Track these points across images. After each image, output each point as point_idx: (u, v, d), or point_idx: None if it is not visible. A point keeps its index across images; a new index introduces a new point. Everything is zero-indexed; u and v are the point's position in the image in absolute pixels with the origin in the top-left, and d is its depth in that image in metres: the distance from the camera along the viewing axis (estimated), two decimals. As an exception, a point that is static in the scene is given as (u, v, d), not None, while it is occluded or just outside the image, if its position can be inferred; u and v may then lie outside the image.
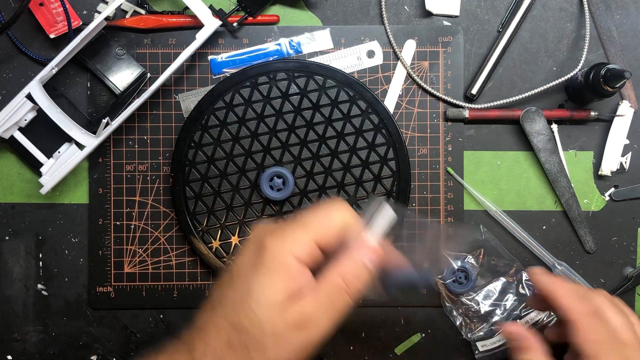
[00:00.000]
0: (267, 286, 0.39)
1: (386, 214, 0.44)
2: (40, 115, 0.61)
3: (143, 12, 0.64)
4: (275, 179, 0.61)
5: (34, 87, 0.60)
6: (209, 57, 0.65)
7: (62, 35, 0.62)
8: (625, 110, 0.64)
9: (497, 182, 0.65)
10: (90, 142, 0.61)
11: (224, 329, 0.39)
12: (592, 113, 0.64)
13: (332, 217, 0.41)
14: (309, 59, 0.64)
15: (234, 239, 0.63)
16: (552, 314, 0.65)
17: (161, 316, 0.65)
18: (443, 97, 0.64)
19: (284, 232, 0.41)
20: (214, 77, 0.65)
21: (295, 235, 0.40)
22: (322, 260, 0.42)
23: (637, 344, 0.48)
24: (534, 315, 0.64)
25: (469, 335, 0.64)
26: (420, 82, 0.65)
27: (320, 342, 0.40)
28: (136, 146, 0.64)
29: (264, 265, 0.39)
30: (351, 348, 0.65)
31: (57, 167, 0.62)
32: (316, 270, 0.42)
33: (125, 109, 0.62)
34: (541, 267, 0.52)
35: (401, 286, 0.46)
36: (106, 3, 0.64)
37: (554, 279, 0.51)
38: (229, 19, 0.64)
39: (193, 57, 0.64)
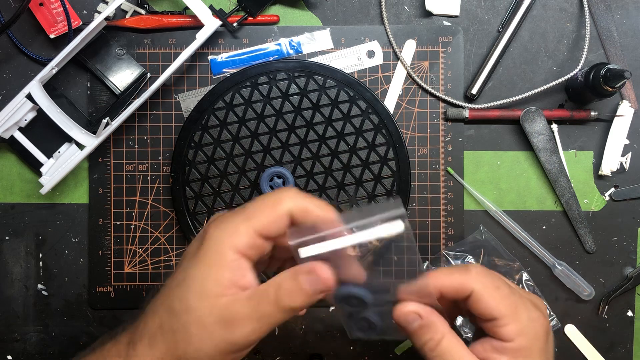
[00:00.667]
0: (202, 276, 0.39)
1: (388, 230, 0.39)
2: (40, 115, 0.61)
3: (143, 12, 0.64)
4: (275, 179, 0.61)
5: (34, 87, 0.60)
6: (209, 57, 0.65)
7: (62, 35, 0.62)
8: (625, 110, 0.64)
9: (497, 182, 0.65)
10: (90, 142, 0.61)
11: (159, 312, 0.40)
12: (592, 113, 0.64)
13: (277, 206, 0.40)
14: (309, 59, 0.64)
15: (234, 239, 0.63)
16: (551, 313, 0.65)
17: (161, 316, 0.65)
18: (443, 97, 0.64)
19: (226, 222, 0.40)
20: (214, 77, 0.65)
21: (236, 226, 0.39)
22: (280, 248, 0.41)
23: (525, 292, 0.45)
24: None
25: (469, 335, 0.64)
26: (420, 82, 0.65)
27: (246, 347, 0.40)
28: (136, 146, 0.65)
29: (203, 255, 0.40)
30: (351, 348, 0.65)
31: (57, 167, 0.62)
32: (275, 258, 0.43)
33: (125, 109, 0.62)
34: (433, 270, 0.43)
35: (348, 307, 0.42)
36: (106, 3, 0.64)
37: (426, 279, 0.42)
38: (229, 19, 0.64)
39: (193, 57, 0.64)
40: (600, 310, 0.65)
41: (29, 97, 0.60)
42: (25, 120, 0.62)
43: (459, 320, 0.64)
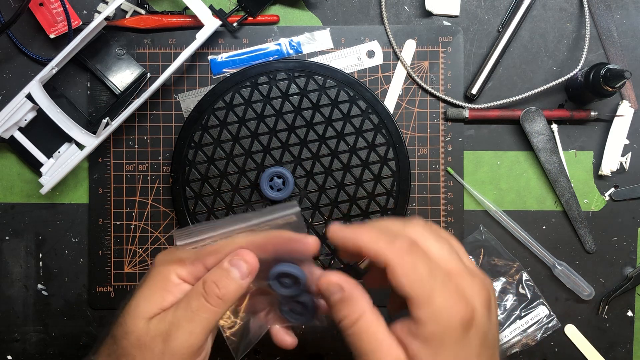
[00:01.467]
0: (143, 298, 0.40)
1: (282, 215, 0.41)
2: (40, 115, 0.61)
3: (143, 12, 0.64)
4: (275, 179, 0.61)
5: (34, 87, 0.60)
6: (209, 57, 0.65)
7: (62, 35, 0.62)
8: (625, 110, 0.64)
9: (497, 182, 0.65)
10: (90, 142, 0.61)
11: (107, 340, 0.42)
12: (592, 113, 0.64)
13: (232, 241, 0.41)
14: (309, 59, 0.64)
15: (234, 239, 0.63)
16: (551, 313, 0.65)
17: (161, 316, 0.65)
18: (443, 97, 0.64)
19: (176, 250, 0.42)
20: (214, 77, 0.65)
21: (184, 255, 0.41)
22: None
23: (464, 271, 0.39)
24: (535, 315, 0.64)
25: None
26: (420, 82, 0.65)
27: (192, 354, 0.40)
28: (136, 146, 0.64)
29: (147, 279, 0.41)
30: (351, 348, 0.65)
31: (57, 167, 0.62)
32: None
33: (125, 109, 0.62)
34: (338, 223, 0.40)
35: (283, 284, 0.43)
36: (106, 3, 0.64)
37: (354, 228, 0.40)
38: (229, 19, 0.64)
39: (193, 57, 0.64)
40: (600, 310, 0.65)
41: (29, 97, 0.60)
42: (25, 120, 0.62)
43: None
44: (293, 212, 0.41)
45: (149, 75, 0.64)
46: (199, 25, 0.62)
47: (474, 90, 0.64)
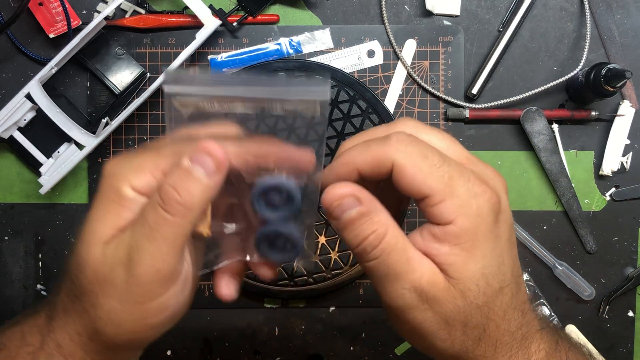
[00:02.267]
0: (95, 220, 0.32)
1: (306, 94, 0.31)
2: (40, 115, 0.61)
3: (143, 11, 0.64)
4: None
5: (34, 86, 0.60)
6: (209, 57, 0.64)
7: (61, 35, 0.62)
8: (626, 110, 0.64)
9: (497, 182, 0.65)
10: (90, 142, 0.60)
11: (65, 277, 0.34)
12: (593, 113, 0.64)
13: (190, 146, 0.32)
14: (309, 59, 0.64)
15: (234, 239, 0.63)
16: (552, 313, 0.65)
17: (161, 316, 0.65)
18: (443, 97, 0.64)
19: (130, 158, 0.33)
20: (213, 77, 0.65)
21: (140, 163, 0.32)
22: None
23: (475, 158, 0.35)
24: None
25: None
26: (420, 82, 0.64)
27: (163, 277, 0.31)
28: (136, 146, 0.64)
29: (98, 197, 0.33)
30: (351, 348, 0.65)
31: (56, 167, 0.62)
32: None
33: (124, 108, 0.62)
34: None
35: (272, 209, 0.33)
36: (106, 3, 0.64)
37: (341, 154, 0.34)
38: (229, 18, 0.64)
39: (193, 57, 0.64)
40: (601, 310, 0.65)
41: (29, 97, 0.60)
42: (25, 120, 0.62)
43: None
44: (323, 94, 0.30)
45: (148, 75, 0.64)
46: (198, 25, 0.62)
47: (475, 90, 0.64)
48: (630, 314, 0.65)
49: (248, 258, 0.36)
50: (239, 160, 0.33)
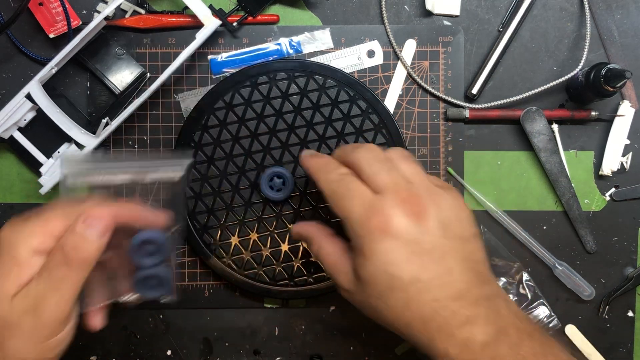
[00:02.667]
0: (0, 280, 0.40)
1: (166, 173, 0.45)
2: (40, 115, 0.61)
3: (143, 11, 0.64)
4: (275, 179, 0.61)
5: (34, 87, 0.60)
6: (209, 57, 0.64)
7: (61, 35, 0.62)
8: (626, 110, 0.64)
9: (497, 182, 0.65)
10: (90, 142, 0.60)
11: None
12: (593, 113, 0.64)
13: (75, 211, 0.42)
14: (309, 59, 0.64)
15: (234, 239, 0.63)
16: (552, 313, 0.65)
17: (161, 316, 0.65)
18: (443, 97, 0.64)
19: (22, 224, 0.41)
20: (214, 77, 0.65)
21: (33, 229, 0.41)
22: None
23: (391, 188, 0.43)
24: (535, 316, 0.64)
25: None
26: (420, 82, 0.64)
27: (63, 321, 0.41)
28: (136, 146, 0.64)
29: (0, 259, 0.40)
30: (351, 348, 0.65)
31: (56, 167, 0.62)
32: None
33: (125, 109, 0.62)
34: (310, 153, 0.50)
35: (146, 257, 0.45)
36: (106, 3, 0.64)
37: (310, 157, 0.50)
38: (229, 18, 0.64)
39: (193, 57, 0.64)
40: (601, 310, 0.65)
41: (29, 97, 0.60)
42: (25, 120, 0.62)
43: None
44: (180, 169, 0.45)
45: (148, 75, 0.64)
46: (198, 25, 0.62)
47: (475, 90, 0.64)
48: (630, 314, 0.65)
49: (121, 299, 0.47)
50: (117, 220, 0.43)
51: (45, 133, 0.62)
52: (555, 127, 0.65)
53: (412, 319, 0.42)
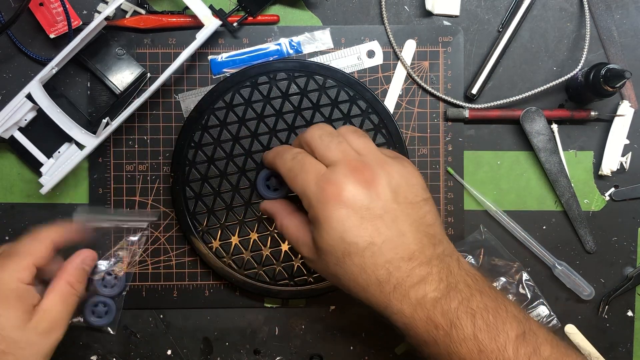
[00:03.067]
0: (7, 314, 0.49)
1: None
2: (40, 115, 0.61)
3: (143, 12, 0.64)
4: (273, 179, 0.59)
5: (34, 87, 0.60)
6: (209, 57, 0.65)
7: (62, 35, 0.62)
8: (626, 110, 0.64)
9: (497, 182, 0.65)
10: (90, 142, 0.61)
11: None
12: (592, 113, 0.64)
13: (42, 241, 0.54)
14: (309, 59, 0.64)
15: (234, 239, 0.63)
16: (551, 313, 0.65)
17: (161, 316, 0.65)
18: (443, 97, 0.64)
19: (8, 263, 0.51)
20: (214, 77, 0.65)
21: (20, 264, 0.51)
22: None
23: (343, 159, 0.46)
24: (535, 315, 0.64)
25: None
26: (420, 82, 0.65)
27: (63, 331, 0.52)
28: (136, 146, 0.64)
29: (1, 298, 0.50)
30: (351, 348, 0.65)
31: (57, 167, 0.62)
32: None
33: (125, 109, 0.62)
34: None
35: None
36: (106, 3, 0.64)
37: (270, 151, 0.54)
38: (229, 18, 0.64)
39: (193, 57, 0.64)
40: (601, 310, 0.65)
41: (29, 97, 0.60)
42: (25, 120, 0.62)
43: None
44: (147, 222, 0.64)
45: (149, 75, 0.64)
46: (199, 25, 0.62)
47: (474, 90, 0.64)
48: (630, 313, 0.65)
49: (80, 319, 0.63)
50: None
51: (45, 133, 0.62)
52: (554, 127, 0.65)
53: (368, 282, 0.44)
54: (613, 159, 0.64)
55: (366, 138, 0.49)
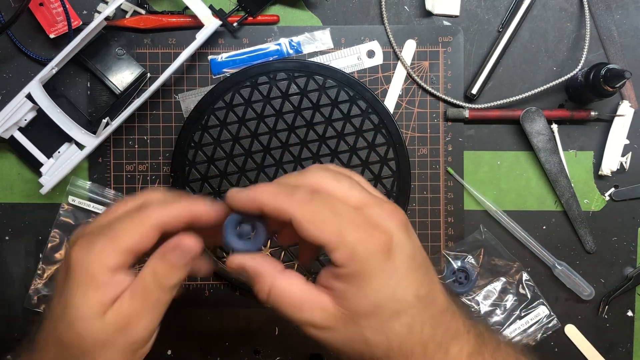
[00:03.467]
0: (81, 301, 0.39)
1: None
2: (40, 115, 0.61)
3: (143, 12, 0.64)
4: (244, 225, 0.42)
5: (34, 87, 0.60)
6: (209, 57, 0.65)
7: (62, 35, 0.62)
8: (626, 110, 0.64)
9: (497, 182, 0.65)
10: (90, 142, 0.61)
11: (52, 344, 0.40)
12: (592, 113, 0.64)
13: (144, 222, 0.40)
14: (309, 59, 0.64)
15: (234, 239, 0.63)
16: (551, 313, 0.65)
17: (161, 316, 0.65)
18: (443, 97, 0.64)
19: (91, 243, 0.40)
20: (214, 77, 0.65)
21: (102, 248, 0.39)
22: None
23: (371, 200, 0.39)
24: (535, 315, 0.64)
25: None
26: (420, 82, 0.65)
27: (149, 338, 0.41)
28: (136, 146, 0.64)
29: (74, 280, 0.39)
30: (351, 348, 0.65)
31: (57, 167, 0.62)
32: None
33: (125, 109, 0.62)
34: (237, 188, 0.40)
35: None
36: (106, 3, 0.64)
37: (252, 188, 0.39)
38: (229, 18, 0.64)
39: (193, 57, 0.64)
40: (601, 310, 0.65)
41: (29, 97, 0.60)
42: (25, 120, 0.62)
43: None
44: None
45: (149, 75, 0.64)
46: (199, 25, 0.62)
47: (474, 90, 0.64)
48: (630, 313, 0.65)
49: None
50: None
51: (45, 133, 0.62)
52: (554, 127, 0.65)
53: (414, 343, 0.38)
54: (613, 159, 0.64)
55: (361, 176, 0.43)
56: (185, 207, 0.40)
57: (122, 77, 0.64)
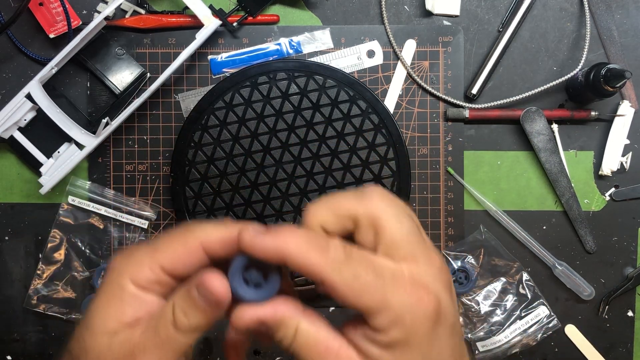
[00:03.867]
0: (101, 312, 0.35)
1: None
2: (40, 115, 0.61)
3: (143, 11, 0.64)
4: (253, 271, 0.35)
5: (34, 86, 0.60)
6: (209, 57, 0.64)
7: (61, 35, 0.62)
8: (626, 110, 0.64)
9: (497, 182, 0.65)
10: (90, 142, 0.61)
11: (66, 355, 0.37)
12: (593, 113, 0.64)
13: (187, 239, 0.35)
14: (309, 59, 0.64)
15: (234, 239, 0.63)
16: (551, 313, 0.65)
17: (161, 316, 0.65)
18: (443, 97, 0.64)
19: (130, 255, 0.36)
20: (214, 77, 0.65)
21: (140, 259, 0.35)
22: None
23: (422, 252, 0.34)
24: (535, 315, 0.64)
25: (469, 335, 0.64)
26: (420, 82, 0.64)
27: None
28: (136, 146, 0.64)
29: (103, 287, 0.36)
30: (351, 348, 0.65)
31: (56, 167, 0.62)
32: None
33: (125, 109, 0.62)
34: (255, 228, 0.33)
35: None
36: (106, 3, 0.64)
37: (277, 233, 0.33)
38: (229, 18, 0.64)
39: (193, 57, 0.64)
40: (601, 310, 0.65)
41: (29, 97, 0.60)
42: (25, 120, 0.62)
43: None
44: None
45: (148, 75, 0.64)
46: (198, 25, 0.62)
47: (474, 90, 0.64)
48: (630, 313, 0.65)
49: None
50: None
51: (45, 133, 0.62)
52: (555, 127, 0.65)
53: None
54: (613, 159, 0.64)
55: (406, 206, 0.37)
56: (234, 230, 0.34)
57: (121, 77, 0.64)
